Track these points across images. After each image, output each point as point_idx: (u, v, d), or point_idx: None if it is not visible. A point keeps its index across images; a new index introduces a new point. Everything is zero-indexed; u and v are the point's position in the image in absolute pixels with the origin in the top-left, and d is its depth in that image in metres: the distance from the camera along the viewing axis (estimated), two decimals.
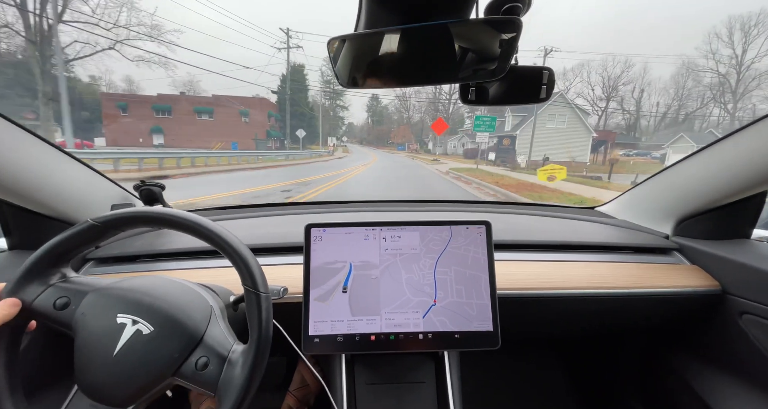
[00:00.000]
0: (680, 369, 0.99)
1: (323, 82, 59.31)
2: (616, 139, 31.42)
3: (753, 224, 0.94)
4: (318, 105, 54.17)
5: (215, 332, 0.53)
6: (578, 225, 1.18)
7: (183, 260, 0.90)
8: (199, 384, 0.49)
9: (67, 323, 0.51)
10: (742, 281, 0.82)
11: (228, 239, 0.52)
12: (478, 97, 0.67)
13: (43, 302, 0.51)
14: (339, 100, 63.20)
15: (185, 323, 0.51)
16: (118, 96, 31.49)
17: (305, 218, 1.15)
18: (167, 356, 0.49)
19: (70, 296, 0.52)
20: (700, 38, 39.83)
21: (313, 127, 44.72)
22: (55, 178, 0.80)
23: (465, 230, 0.74)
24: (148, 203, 1.03)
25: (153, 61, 20.32)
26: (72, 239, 0.53)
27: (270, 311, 0.52)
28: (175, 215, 0.53)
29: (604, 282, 0.86)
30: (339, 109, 64.14)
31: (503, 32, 0.48)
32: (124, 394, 0.48)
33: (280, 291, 0.63)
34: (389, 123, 69.13)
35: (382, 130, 68.66)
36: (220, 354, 0.50)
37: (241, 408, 0.47)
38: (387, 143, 63.53)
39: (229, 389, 0.48)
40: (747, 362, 0.83)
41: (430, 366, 0.78)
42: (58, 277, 0.54)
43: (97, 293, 0.52)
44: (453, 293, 0.71)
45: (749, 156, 0.77)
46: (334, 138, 51.92)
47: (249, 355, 0.49)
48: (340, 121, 67.26)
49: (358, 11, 0.50)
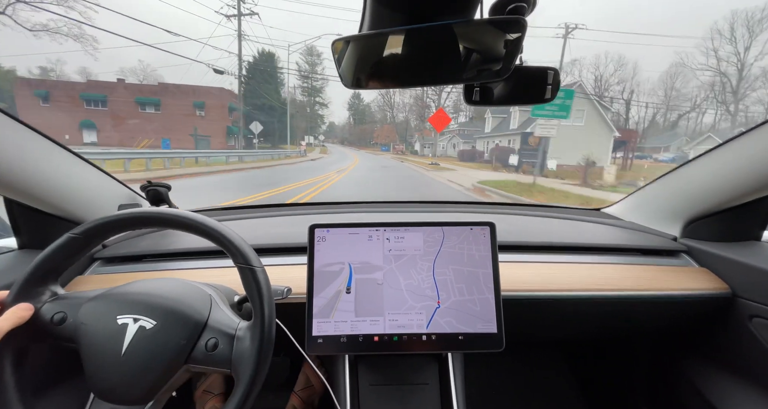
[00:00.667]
0: (689, 373, 0.97)
1: (300, 77, 54.22)
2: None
3: (763, 226, 0.92)
4: (293, 99, 48.41)
5: (218, 315, 0.54)
6: (584, 226, 1.17)
7: (189, 260, 0.91)
8: (213, 365, 0.50)
9: (68, 337, 0.51)
10: (752, 284, 0.81)
11: (205, 222, 0.53)
12: (483, 98, 0.66)
13: (39, 320, 0.51)
14: (318, 97, 58.30)
15: (186, 312, 0.52)
16: (37, 82, 25.52)
17: (309, 218, 1.16)
18: (175, 345, 0.50)
19: (66, 310, 0.52)
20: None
21: (283, 123, 37.98)
22: (64, 179, 0.81)
23: (469, 230, 0.74)
24: (154, 203, 1.04)
25: (61, 32, 13.34)
26: (54, 255, 0.52)
27: (268, 284, 0.53)
28: (150, 213, 0.54)
29: (610, 284, 0.85)
30: (318, 107, 59.62)
31: (508, 32, 0.48)
32: (140, 390, 0.49)
33: (284, 291, 0.64)
34: (372, 122, 66.02)
35: (365, 130, 65.08)
36: (227, 333, 0.52)
37: (258, 379, 0.48)
38: (370, 144, 60.32)
39: (242, 363, 0.49)
40: (757, 366, 0.82)
41: (433, 367, 0.78)
42: (48, 295, 0.54)
43: (93, 301, 0.53)
44: (455, 292, 0.71)
45: (759, 157, 0.76)
46: (312, 137, 47.95)
47: (256, 328, 0.50)
48: (319, 119, 63.24)
49: (363, 12, 0.50)
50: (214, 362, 0.50)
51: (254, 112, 32.92)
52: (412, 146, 46.43)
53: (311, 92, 57.08)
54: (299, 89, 56.53)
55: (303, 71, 55.03)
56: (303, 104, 56.27)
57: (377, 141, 56.19)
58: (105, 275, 0.86)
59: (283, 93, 40.57)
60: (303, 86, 56.44)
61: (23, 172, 0.72)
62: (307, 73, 54.74)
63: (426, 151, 39.55)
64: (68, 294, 0.55)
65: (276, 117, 35.18)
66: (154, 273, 0.85)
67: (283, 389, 1.17)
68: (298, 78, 55.67)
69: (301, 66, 54.90)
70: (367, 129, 64.54)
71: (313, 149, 41.29)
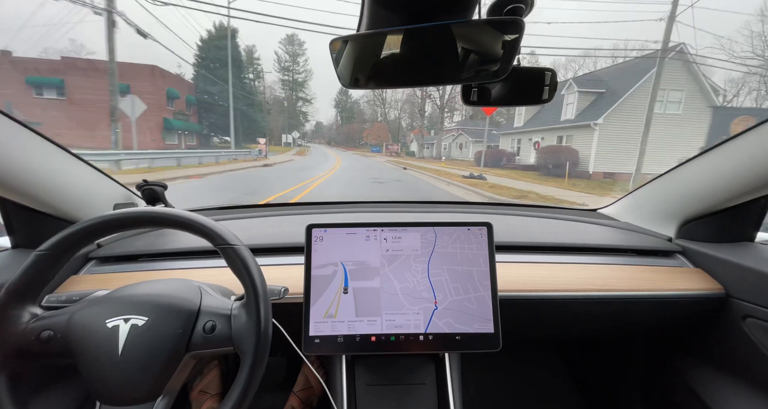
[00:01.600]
0: (683, 373, 0.98)
1: (281, 69, 48.50)
2: None
3: (757, 227, 0.93)
4: (270, 92, 43.50)
5: (210, 301, 0.55)
6: (580, 227, 1.18)
7: (184, 260, 0.90)
8: (215, 346, 0.51)
9: (60, 352, 0.50)
10: (746, 285, 0.82)
11: (174, 213, 0.53)
12: (481, 98, 0.66)
13: (26, 342, 0.49)
14: (301, 92, 52.75)
15: (177, 303, 0.52)
16: None
17: (306, 218, 1.15)
18: (172, 335, 0.50)
19: (51, 327, 0.50)
20: None
21: (255, 120, 33.07)
22: (58, 177, 0.80)
23: (466, 231, 0.74)
24: (150, 203, 1.03)
25: None
26: (26, 276, 0.50)
27: (254, 259, 0.53)
28: (114, 216, 0.53)
29: (606, 284, 0.85)
30: (302, 103, 54.15)
31: (506, 33, 0.48)
32: (146, 386, 0.48)
33: (281, 291, 0.63)
34: (361, 121, 59.67)
35: (353, 129, 59.08)
36: (222, 314, 0.52)
37: (263, 351, 0.49)
38: (359, 144, 54.93)
39: (243, 338, 0.49)
40: (750, 365, 0.83)
41: (430, 368, 0.78)
42: (28, 317, 0.51)
43: (78, 312, 0.52)
44: (451, 292, 0.71)
45: (754, 158, 0.77)
46: (291, 135, 42.43)
47: (251, 303, 0.50)
48: (302, 117, 57.61)
49: (361, 12, 0.50)
50: (215, 342, 0.50)
51: (206, 102, 26.87)
52: (407, 147, 41.62)
53: (293, 86, 52.25)
54: (279, 83, 52.03)
55: (284, 62, 50.12)
56: (280, 99, 51.37)
57: (367, 141, 51.64)
58: (100, 274, 0.85)
59: (259, 84, 33.88)
60: (283, 79, 51.76)
61: (16, 170, 0.71)
62: (289, 63, 49.84)
63: (426, 152, 35.41)
64: (49, 313, 0.53)
65: (241, 111, 28.77)
66: (150, 273, 0.85)
67: (281, 390, 1.16)
68: (278, 70, 50.89)
69: (281, 56, 49.85)
70: (355, 128, 58.97)
71: (288, 149, 35.37)
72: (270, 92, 48.02)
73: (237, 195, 7.19)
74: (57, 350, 0.50)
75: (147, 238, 1.01)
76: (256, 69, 38.74)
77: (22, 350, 0.49)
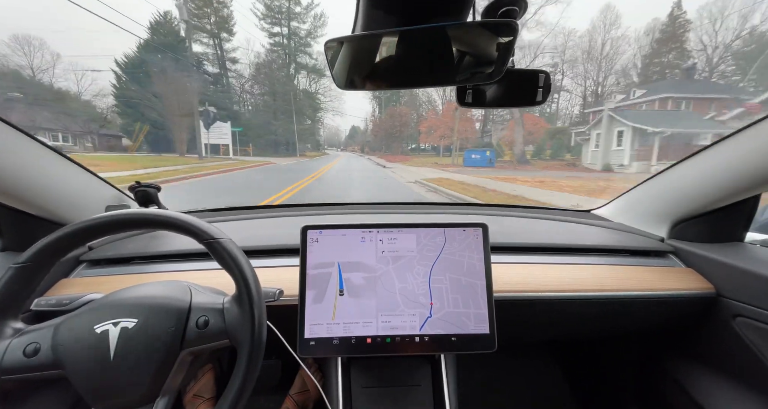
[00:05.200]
0: (675, 372, 0.99)
1: (265, 15, 27.35)
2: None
3: (747, 227, 0.95)
4: (250, 58, 25.14)
5: (200, 298, 0.54)
6: (574, 228, 1.19)
7: (177, 262, 0.89)
8: (210, 340, 0.50)
9: (49, 364, 0.48)
10: (736, 284, 0.83)
11: (152, 213, 0.53)
12: (475, 100, 0.67)
13: (11, 357, 0.47)
14: (305, 56, 31.46)
15: (166, 302, 0.51)
16: None
17: (301, 219, 1.15)
18: (165, 334, 0.49)
19: (37, 340, 0.49)
20: None
21: (252, 127, 24.40)
22: (48, 179, 0.79)
23: (462, 232, 0.74)
24: (143, 205, 1.02)
25: None
26: (4, 290, 0.49)
27: (240, 251, 0.53)
28: (99, 220, 0.51)
29: (599, 285, 0.86)
30: (310, 81, 32.84)
31: (500, 35, 0.49)
32: (143, 388, 0.47)
33: (276, 293, 0.63)
34: (413, 105, 34.49)
35: (399, 118, 33.54)
36: (214, 309, 0.52)
37: (259, 340, 0.48)
38: (410, 149, 32.81)
39: (238, 329, 0.49)
40: (741, 364, 0.84)
41: (426, 369, 0.78)
42: (11, 332, 0.50)
43: (63, 323, 0.50)
44: (449, 303, 0.71)
45: (744, 159, 0.78)
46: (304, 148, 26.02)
47: (243, 295, 0.50)
48: (312, 113, 34.69)
49: (356, 13, 0.50)
50: (210, 337, 0.50)
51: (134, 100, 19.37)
52: (512, 147, 19.68)
53: (315, 79, 31.90)
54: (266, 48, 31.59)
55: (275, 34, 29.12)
56: (280, 90, 30.40)
57: (428, 141, 28.57)
58: (90, 277, 0.83)
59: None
60: (273, 39, 32.21)
61: (6, 172, 0.70)
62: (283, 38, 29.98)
63: (584, 149, 17.12)
64: (33, 327, 0.51)
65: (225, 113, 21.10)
66: (142, 276, 0.84)
67: (276, 393, 1.15)
68: (262, 17, 29.80)
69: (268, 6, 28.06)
70: (403, 115, 34.06)
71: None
72: (250, 58, 27.10)
73: None
74: (45, 362, 0.48)
75: (140, 240, 0.99)
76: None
77: (8, 367, 0.47)
